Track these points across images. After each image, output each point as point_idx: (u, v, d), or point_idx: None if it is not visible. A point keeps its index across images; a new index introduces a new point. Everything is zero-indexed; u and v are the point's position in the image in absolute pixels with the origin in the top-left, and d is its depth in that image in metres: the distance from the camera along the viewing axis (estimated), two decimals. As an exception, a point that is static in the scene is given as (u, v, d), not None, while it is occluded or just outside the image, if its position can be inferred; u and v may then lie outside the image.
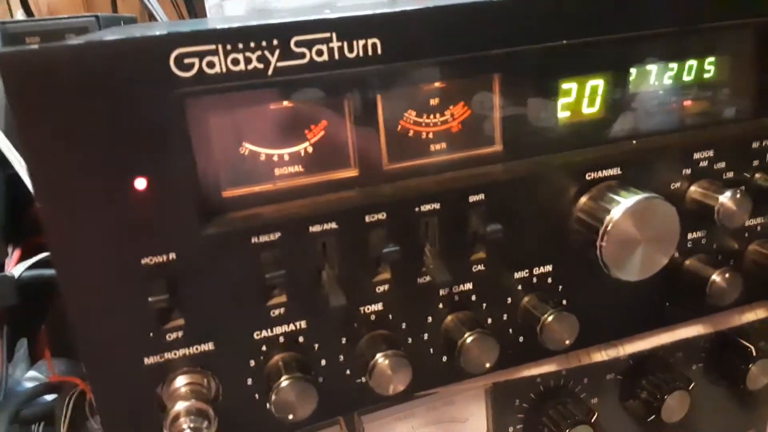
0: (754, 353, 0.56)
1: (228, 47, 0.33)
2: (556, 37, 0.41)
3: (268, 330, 0.39)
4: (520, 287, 0.45)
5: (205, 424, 0.36)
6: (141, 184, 0.33)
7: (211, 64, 0.33)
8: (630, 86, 0.45)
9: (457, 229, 0.42)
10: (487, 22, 0.39)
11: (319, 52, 0.35)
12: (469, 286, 0.43)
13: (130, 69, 0.32)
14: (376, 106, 0.39)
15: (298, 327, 0.40)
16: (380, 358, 0.39)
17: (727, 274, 0.47)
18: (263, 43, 0.34)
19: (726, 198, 0.45)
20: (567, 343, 0.44)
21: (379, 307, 0.41)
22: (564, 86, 0.43)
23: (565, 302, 0.46)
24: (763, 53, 0.48)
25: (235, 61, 0.33)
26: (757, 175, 0.49)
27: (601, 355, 0.51)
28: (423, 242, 0.41)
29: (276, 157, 0.38)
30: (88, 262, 0.34)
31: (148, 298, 0.35)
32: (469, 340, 0.41)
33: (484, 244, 0.42)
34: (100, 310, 0.35)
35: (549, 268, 0.45)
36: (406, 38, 0.37)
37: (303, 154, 0.39)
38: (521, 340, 0.46)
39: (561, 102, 0.43)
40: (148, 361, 0.37)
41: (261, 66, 0.34)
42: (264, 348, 0.39)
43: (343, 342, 0.41)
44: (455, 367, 0.43)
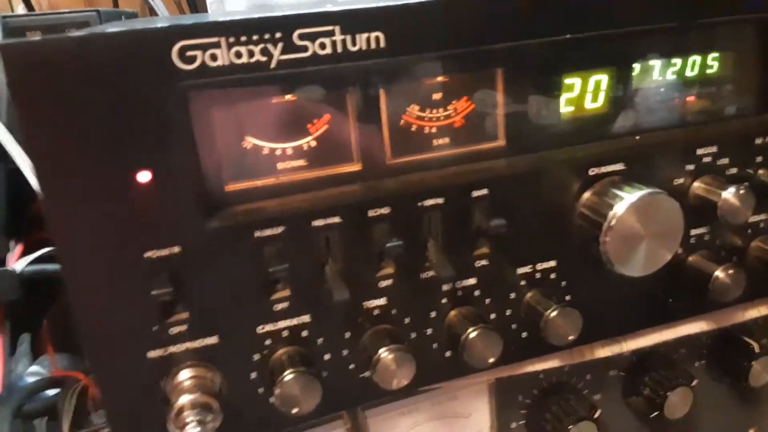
0: (757, 350, 0.55)
1: (231, 40, 0.33)
2: (560, 32, 0.41)
3: (272, 324, 0.39)
4: (523, 282, 0.45)
5: (210, 417, 0.36)
6: (144, 177, 0.33)
7: (213, 57, 0.33)
8: (633, 81, 0.45)
9: (461, 224, 0.42)
10: (491, 16, 0.39)
11: (323, 46, 0.35)
12: (473, 281, 0.43)
13: (133, 61, 0.32)
14: (379, 101, 0.39)
15: (302, 321, 0.40)
16: (384, 353, 0.39)
17: (730, 271, 0.47)
18: (266, 36, 0.34)
19: (729, 194, 0.45)
20: (570, 338, 0.44)
21: (382, 301, 0.41)
22: (567, 81, 0.43)
23: (568, 298, 0.46)
24: (767, 49, 0.48)
25: (238, 54, 0.33)
26: (761, 172, 0.49)
27: (604, 351, 0.51)
28: (426, 237, 0.41)
29: (279, 151, 0.38)
30: (92, 256, 0.34)
31: (152, 292, 0.34)
32: (473, 335, 0.41)
33: (487, 239, 0.42)
34: (104, 304, 0.35)
35: (552, 263, 0.45)
36: (409, 32, 0.37)
37: (306, 148, 0.39)
38: (524, 335, 0.46)
39: (564, 97, 0.43)
40: (151, 354, 0.37)
41: (264, 59, 0.34)
42: (268, 342, 0.39)
43: (347, 336, 0.41)
44: (459, 362, 0.43)
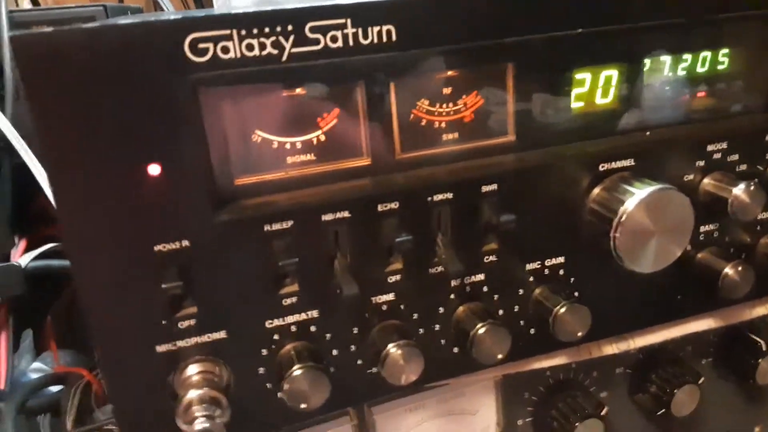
0: (764, 348, 0.55)
1: (243, 32, 0.33)
2: (571, 26, 0.40)
3: (281, 319, 0.39)
4: (532, 278, 0.45)
5: (218, 412, 0.36)
6: (155, 170, 0.33)
7: (225, 50, 0.33)
8: (644, 77, 0.45)
9: (470, 220, 0.41)
10: (502, 11, 0.38)
11: (334, 39, 0.35)
12: (481, 276, 0.43)
13: (144, 53, 0.31)
14: (389, 95, 0.39)
15: (310, 316, 0.40)
16: (392, 348, 0.39)
17: (740, 268, 0.47)
18: (278, 29, 0.34)
19: (740, 190, 0.45)
20: (579, 335, 0.43)
21: (390, 297, 0.41)
22: (578, 76, 0.43)
23: (576, 294, 0.46)
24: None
25: (250, 47, 0.33)
26: (771, 168, 0.49)
27: (612, 348, 0.51)
28: (435, 232, 0.41)
29: (288, 145, 0.38)
30: (102, 250, 0.34)
31: (162, 286, 0.34)
32: (482, 330, 0.41)
33: (496, 234, 0.42)
34: (113, 298, 0.35)
35: (561, 259, 0.45)
36: (420, 25, 0.37)
37: (315, 142, 0.39)
38: (532, 331, 0.46)
39: (574, 92, 0.43)
40: (160, 349, 0.36)
41: (275, 52, 0.34)
42: (276, 337, 0.39)
43: (355, 332, 0.41)
44: (466, 359, 0.42)
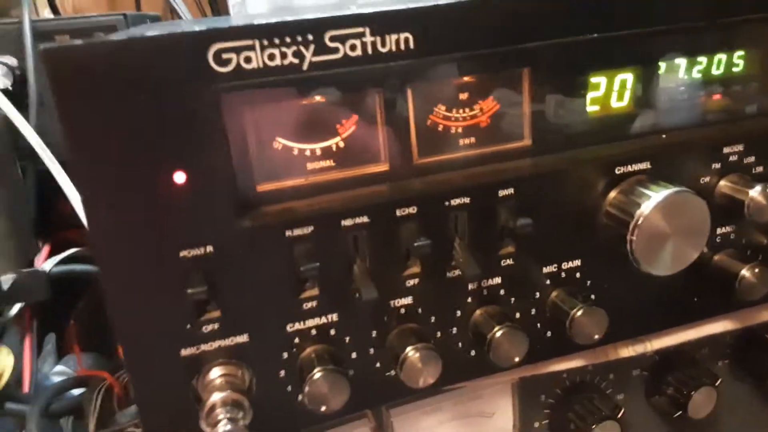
0: (781, 349, 0.55)
1: (265, 42, 0.34)
2: (587, 31, 0.41)
3: (301, 322, 0.40)
4: (548, 282, 0.45)
5: (241, 414, 0.36)
6: (180, 178, 0.34)
7: (248, 60, 0.33)
8: (659, 80, 0.45)
9: (487, 224, 0.42)
10: (518, 16, 0.39)
11: (353, 47, 0.36)
12: (498, 280, 0.44)
13: (170, 64, 0.32)
14: (407, 101, 0.40)
15: (330, 320, 0.40)
16: (411, 351, 0.40)
17: (757, 270, 0.47)
18: (299, 38, 0.34)
19: (756, 192, 0.45)
20: (596, 337, 0.44)
21: (408, 300, 0.42)
22: (593, 80, 0.43)
23: (593, 297, 0.46)
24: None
25: (272, 56, 0.34)
26: (787, 170, 0.48)
27: (628, 351, 0.51)
28: (453, 236, 0.41)
29: (308, 152, 0.39)
30: (128, 255, 0.34)
31: (187, 290, 0.35)
32: (499, 334, 0.41)
33: (513, 238, 0.43)
34: (140, 303, 0.36)
35: (578, 262, 0.45)
36: (438, 32, 0.37)
37: (335, 149, 0.39)
38: (549, 334, 0.46)
39: (590, 96, 0.43)
40: (184, 353, 0.37)
41: (296, 61, 0.35)
42: (297, 340, 0.40)
43: (374, 335, 0.42)
44: (483, 361, 0.43)
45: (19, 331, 0.61)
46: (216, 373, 0.38)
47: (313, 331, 0.40)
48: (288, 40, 0.34)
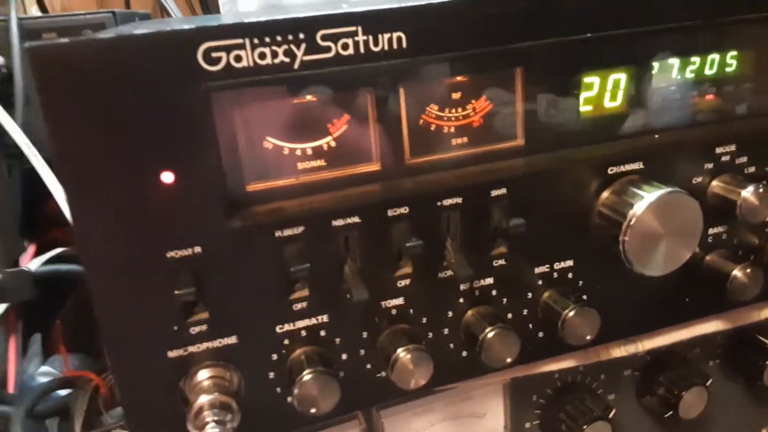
0: (772, 349, 0.55)
1: (255, 41, 0.33)
2: (580, 31, 0.41)
3: (291, 324, 0.39)
4: (540, 282, 0.45)
5: (229, 417, 0.36)
6: (168, 177, 0.33)
7: (238, 58, 0.33)
8: (652, 80, 0.45)
9: (479, 224, 0.42)
10: (512, 15, 0.39)
11: (345, 46, 0.35)
12: (490, 280, 0.43)
13: (159, 62, 0.32)
14: (399, 100, 0.39)
15: (320, 321, 0.40)
16: (402, 353, 0.39)
17: (749, 270, 0.47)
18: (290, 37, 0.34)
19: (749, 193, 0.45)
20: (588, 338, 0.44)
21: (400, 301, 0.41)
22: (586, 80, 0.43)
23: (585, 297, 0.46)
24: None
25: (262, 55, 0.33)
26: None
27: (620, 351, 0.51)
28: (444, 236, 0.41)
29: (299, 151, 0.38)
30: (115, 256, 0.34)
31: (174, 292, 0.35)
32: (491, 334, 0.41)
33: (505, 238, 0.42)
34: (126, 304, 0.35)
35: (570, 263, 0.45)
36: (431, 32, 0.37)
37: (326, 148, 0.39)
38: (541, 335, 0.46)
39: (583, 96, 0.43)
40: (172, 354, 0.37)
41: (287, 60, 0.34)
42: (286, 342, 0.39)
43: (364, 336, 0.41)
44: (475, 362, 0.43)
45: (4, 332, 0.60)
46: (204, 375, 0.37)
47: (303, 333, 0.40)
48: (279, 38, 0.33)
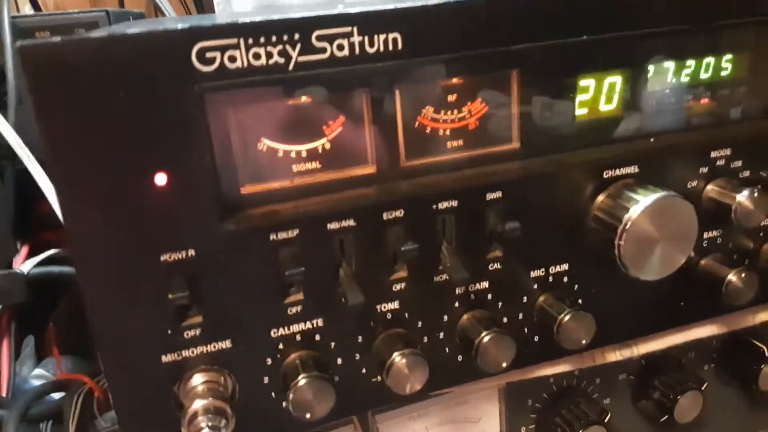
0: (767, 354, 0.55)
1: (250, 41, 0.33)
2: (576, 33, 0.40)
3: (285, 328, 0.39)
4: (536, 286, 0.45)
5: (223, 422, 0.35)
6: (161, 179, 0.33)
7: (232, 59, 0.33)
8: (647, 84, 0.45)
9: (474, 227, 0.41)
10: (507, 18, 0.38)
11: (340, 47, 0.35)
12: (486, 284, 0.43)
13: (152, 62, 0.31)
14: (395, 102, 0.39)
15: (315, 325, 0.39)
16: (397, 357, 0.39)
17: (743, 274, 0.47)
18: (285, 38, 0.33)
19: (743, 197, 0.45)
20: (584, 342, 0.43)
21: (395, 305, 0.41)
22: (582, 83, 0.43)
23: (580, 301, 0.46)
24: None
25: (257, 56, 0.33)
26: (774, 174, 0.49)
27: (616, 355, 0.51)
28: (440, 240, 0.41)
29: (294, 154, 0.38)
30: (107, 259, 0.34)
31: (168, 295, 0.34)
32: (486, 339, 0.41)
33: (501, 242, 0.42)
34: (119, 308, 0.35)
35: (565, 267, 0.45)
36: (427, 33, 0.37)
37: (321, 151, 0.39)
38: (536, 339, 0.46)
39: (579, 99, 0.43)
40: (165, 359, 0.36)
41: (282, 61, 0.34)
42: (281, 346, 0.39)
43: (360, 340, 0.41)
44: (470, 366, 0.42)
45: (-3, 334, 0.60)
46: (198, 380, 0.37)
47: (298, 337, 0.39)
48: (274, 39, 0.33)
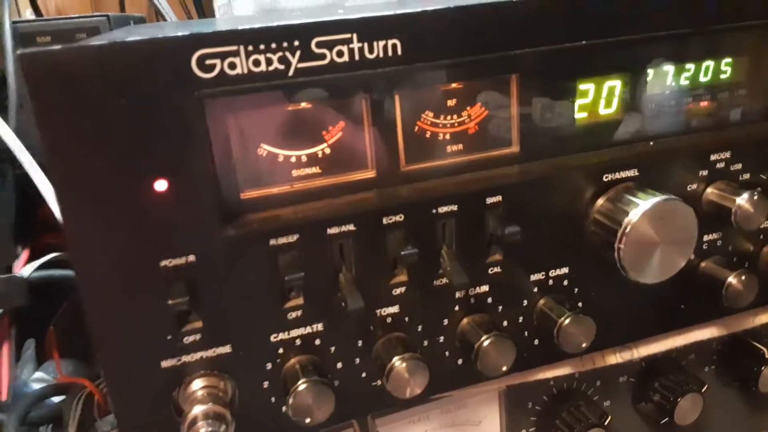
0: (767, 355, 0.55)
1: (250, 48, 0.33)
2: (575, 38, 0.40)
3: (285, 333, 0.39)
4: (536, 289, 0.45)
5: (223, 428, 0.35)
6: (162, 186, 0.33)
7: (232, 65, 0.33)
8: (647, 87, 0.45)
9: (474, 231, 0.41)
10: (506, 23, 0.38)
11: (340, 53, 0.35)
12: (485, 288, 0.43)
13: (152, 70, 0.31)
14: (394, 107, 0.39)
15: (315, 329, 0.40)
16: (397, 361, 0.39)
17: (744, 277, 0.47)
18: (284, 44, 0.34)
19: (743, 200, 0.45)
20: (584, 345, 0.43)
21: (395, 309, 0.41)
22: (581, 87, 0.43)
23: (580, 304, 0.46)
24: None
25: (257, 62, 0.33)
26: (774, 176, 0.49)
27: (616, 358, 0.51)
28: (440, 244, 0.41)
29: (294, 159, 0.38)
30: (107, 265, 0.34)
31: (168, 301, 0.34)
32: (486, 342, 0.41)
33: (500, 246, 0.42)
34: (119, 313, 0.35)
35: (565, 270, 0.45)
36: (426, 39, 0.37)
37: (320, 156, 0.39)
38: (536, 342, 0.46)
39: (578, 103, 0.43)
40: (165, 364, 0.36)
41: (282, 67, 0.34)
42: (281, 351, 0.39)
43: (359, 344, 0.41)
44: (470, 370, 0.42)
45: (-3, 338, 0.60)
46: (198, 385, 0.37)
47: (298, 341, 0.39)
48: (273, 45, 0.33)
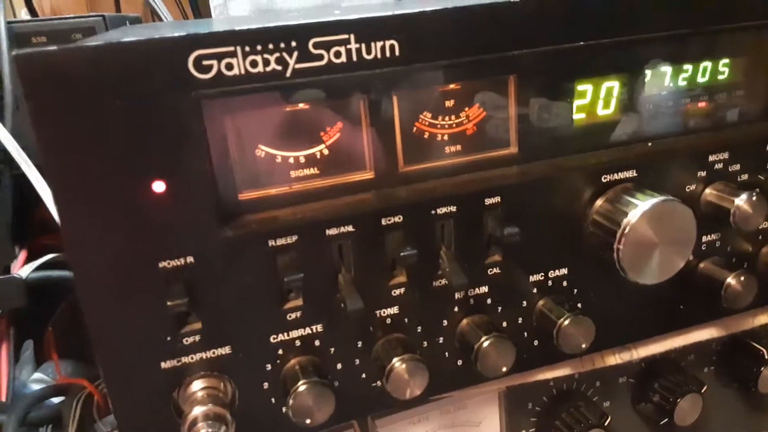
0: (766, 356, 0.55)
1: (247, 49, 0.33)
2: (573, 39, 0.40)
3: (285, 333, 0.39)
4: (535, 290, 0.45)
5: (223, 428, 0.35)
6: (159, 187, 0.33)
7: (229, 66, 0.33)
8: (645, 88, 0.45)
9: (473, 232, 0.41)
10: (504, 23, 0.38)
11: (337, 54, 0.35)
12: (485, 289, 0.43)
13: (149, 70, 0.31)
14: (393, 108, 0.39)
15: (315, 330, 0.39)
16: (397, 362, 0.39)
17: (743, 277, 0.47)
18: (282, 45, 0.33)
19: (742, 201, 0.45)
20: (583, 346, 0.43)
21: (394, 310, 0.41)
22: (579, 88, 0.43)
23: (580, 305, 0.45)
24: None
25: (254, 63, 0.33)
26: (772, 177, 0.49)
27: (615, 359, 0.51)
28: (439, 245, 0.41)
29: (292, 160, 0.38)
30: (105, 266, 0.34)
31: (167, 302, 0.34)
32: (486, 344, 0.41)
33: (499, 247, 0.42)
34: (117, 314, 0.35)
35: (564, 271, 0.45)
36: (423, 39, 0.37)
37: (319, 157, 0.39)
38: (536, 343, 0.46)
39: (576, 104, 0.43)
40: (165, 365, 0.36)
41: (279, 68, 0.34)
42: (280, 352, 0.39)
43: (359, 345, 0.41)
44: (470, 371, 0.42)
45: (-4, 339, 0.60)
46: (197, 386, 0.37)
47: (297, 342, 0.39)
48: (271, 46, 0.33)
